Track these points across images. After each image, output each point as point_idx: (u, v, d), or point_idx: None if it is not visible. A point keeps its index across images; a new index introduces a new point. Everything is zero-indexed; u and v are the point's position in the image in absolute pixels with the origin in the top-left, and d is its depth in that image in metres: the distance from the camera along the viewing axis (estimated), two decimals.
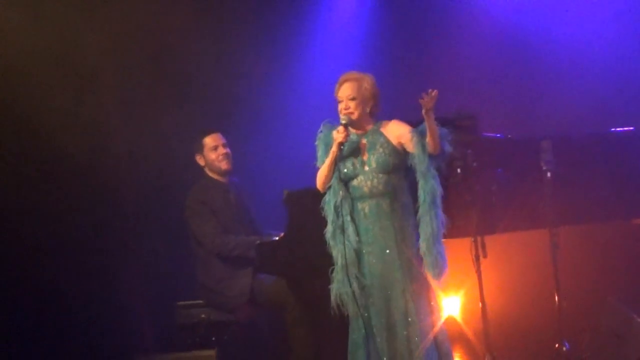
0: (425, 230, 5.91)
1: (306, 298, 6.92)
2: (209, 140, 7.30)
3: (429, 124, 5.81)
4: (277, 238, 6.96)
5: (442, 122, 5.94)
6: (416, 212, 5.97)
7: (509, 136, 7.21)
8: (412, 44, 8.53)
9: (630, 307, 6.82)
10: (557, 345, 6.72)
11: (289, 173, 7.68)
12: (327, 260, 6.02)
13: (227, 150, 7.32)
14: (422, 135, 5.89)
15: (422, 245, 5.90)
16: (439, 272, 5.88)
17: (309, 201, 6.37)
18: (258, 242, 7.02)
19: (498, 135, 7.16)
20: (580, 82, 8.14)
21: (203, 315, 7.10)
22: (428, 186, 5.90)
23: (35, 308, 7.14)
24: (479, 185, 6.56)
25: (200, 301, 7.17)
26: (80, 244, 7.33)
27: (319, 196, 6.11)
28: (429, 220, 5.89)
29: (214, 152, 7.30)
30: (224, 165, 7.30)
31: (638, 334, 6.66)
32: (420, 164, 5.91)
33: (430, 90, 5.75)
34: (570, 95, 8.12)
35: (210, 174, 7.33)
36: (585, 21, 8.34)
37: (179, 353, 6.82)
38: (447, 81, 8.22)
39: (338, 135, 5.96)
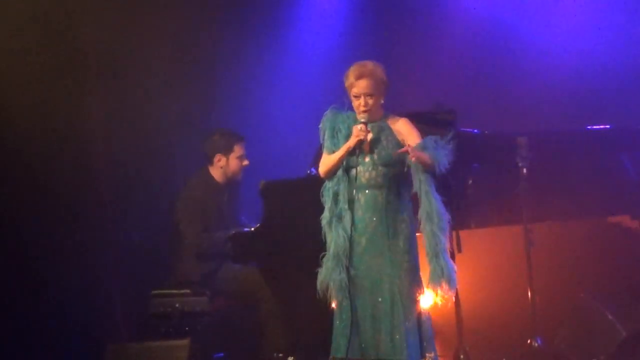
0: (426, 242, 5.86)
1: (281, 290, 6.92)
2: (238, 148, 7.28)
3: (421, 162, 5.80)
4: (252, 229, 6.96)
5: (422, 115, 5.93)
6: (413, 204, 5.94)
7: (486, 132, 7.23)
8: (391, 39, 8.52)
9: (602, 303, 6.88)
10: (529, 341, 6.76)
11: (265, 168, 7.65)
12: (303, 252, 6.00)
13: (248, 162, 7.32)
14: (422, 150, 5.83)
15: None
16: (441, 285, 5.85)
17: (285, 192, 6.36)
18: (233, 232, 7.03)
19: (475, 130, 7.18)
20: (558, 80, 8.17)
21: (177, 305, 7.08)
22: (428, 204, 5.85)
23: (6, 297, 7.08)
24: (455, 180, 6.55)
25: (174, 290, 7.16)
26: (55, 233, 7.27)
27: (295, 187, 6.10)
28: (428, 233, 5.84)
29: (239, 160, 7.29)
30: (240, 176, 7.30)
31: (610, 330, 6.72)
32: (418, 182, 5.87)
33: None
34: (547, 92, 8.16)
35: (214, 174, 7.29)
36: (564, 20, 8.38)
37: (153, 342, 6.79)
38: (425, 76, 8.29)
39: (360, 133, 5.85)
